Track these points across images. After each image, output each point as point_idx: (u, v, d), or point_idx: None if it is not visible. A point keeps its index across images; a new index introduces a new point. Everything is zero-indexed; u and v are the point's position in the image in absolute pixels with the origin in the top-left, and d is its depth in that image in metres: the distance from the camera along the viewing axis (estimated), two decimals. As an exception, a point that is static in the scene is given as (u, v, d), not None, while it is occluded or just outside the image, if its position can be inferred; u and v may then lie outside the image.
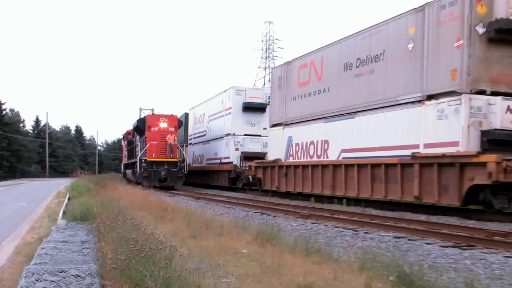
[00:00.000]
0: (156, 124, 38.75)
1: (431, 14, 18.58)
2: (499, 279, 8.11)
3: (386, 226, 14.18)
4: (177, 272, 6.89)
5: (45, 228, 14.79)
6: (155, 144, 38.21)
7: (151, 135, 38.54)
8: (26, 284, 6.80)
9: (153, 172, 37.30)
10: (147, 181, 36.57)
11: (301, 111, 27.30)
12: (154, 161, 37.70)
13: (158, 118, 39.34)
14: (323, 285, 7.51)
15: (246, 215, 18.25)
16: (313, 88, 26.36)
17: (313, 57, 26.75)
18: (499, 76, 17.35)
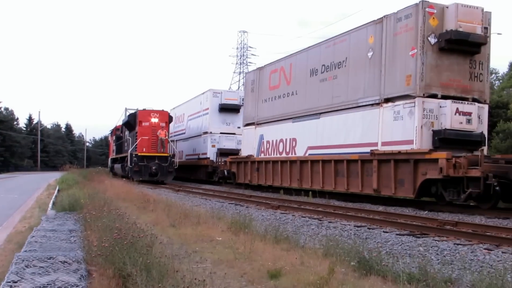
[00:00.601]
0: (147, 119, 36.20)
1: (389, 25, 18.66)
2: (450, 264, 8.16)
3: (348, 216, 14.19)
4: (157, 258, 6.85)
5: (36, 218, 14.55)
6: (146, 139, 35.61)
7: (142, 130, 35.96)
8: (17, 270, 6.67)
9: (143, 167, 34.78)
10: (138, 176, 34.92)
11: (271, 112, 27.29)
12: (145, 156, 35.13)
13: (149, 113, 36.60)
14: (290, 270, 7.49)
15: (222, 206, 18.17)
16: (282, 91, 26.39)
17: (283, 63, 26.80)
18: (449, 82, 17.52)
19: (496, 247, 9.32)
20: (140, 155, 35.00)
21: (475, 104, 17.75)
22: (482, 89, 18.23)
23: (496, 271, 6.80)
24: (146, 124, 35.90)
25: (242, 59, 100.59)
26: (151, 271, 6.17)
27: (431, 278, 6.60)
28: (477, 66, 18.06)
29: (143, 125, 36.00)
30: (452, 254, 8.87)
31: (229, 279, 7.20)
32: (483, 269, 7.40)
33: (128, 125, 40.35)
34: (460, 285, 6.85)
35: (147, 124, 35.94)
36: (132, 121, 38.10)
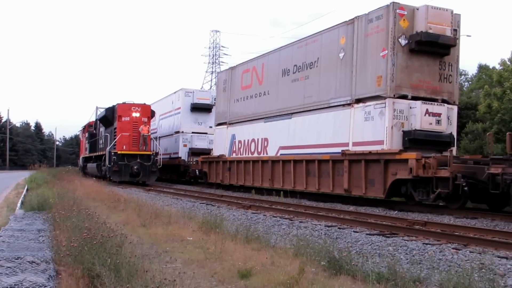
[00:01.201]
0: (127, 113, 32.67)
1: (360, 26, 18.80)
2: (419, 263, 8.24)
3: (319, 216, 14.25)
4: (126, 258, 6.79)
5: (4, 217, 14.28)
6: (127, 136, 32.18)
7: (122, 126, 32.43)
8: (-17, 271, 6.54)
9: (124, 166, 31.46)
10: (117, 176, 31.69)
11: (243, 111, 27.29)
12: (125, 154, 31.69)
13: (130, 107, 32.98)
14: (261, 269, 7.50)
15: (193, 206, 18.11)
16: (254, 91, 26.41)
17: (255, 63, 26.80)
18: (419, 83, 17.71)
19: (464, 246, 9.43)
20: (120, 154, 31.73)
21: (444, 105, 17.99)
22: (451, 91, 18.48)
23: (463, 270, 6.88)
24: (127, 119, 32.57)
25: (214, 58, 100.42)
26: (120, 271, 6.12)
27: (400, 278, 6.67)
28: (446, 68, 18.30)
29: (123, 120, 32.63)
30: (421, 253, 8.94)
31: (199, 279, 7.18)
32: (451, 269, 7.47)
33: (104, 120, 36.82)
34: (428, 285, 6.93)
35: (127, 119, 32.60)
36: (110, 116, 34.86)
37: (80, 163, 53.04)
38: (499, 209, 15.76)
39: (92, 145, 42.62)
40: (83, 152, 49.85)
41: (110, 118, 34.69)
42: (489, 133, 19.93)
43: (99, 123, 39.75)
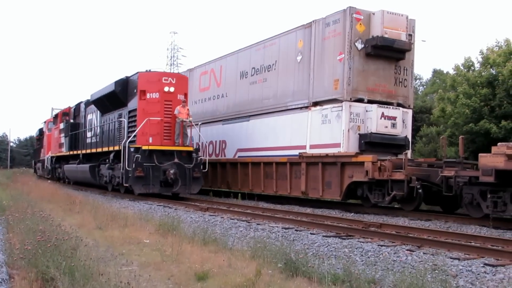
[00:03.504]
0: (156, 87, 20.42)
1: (317, 30, 18.97)
2: (374, 265, 8.32)
3: (276, 218, 14.27)
4: (81, 261, 6.70)
5: (-46, 221, 13.96)
6: (156, 122, 20.16)
7: (147, 106, 20.32)
8: None
9: (152, 170, 19.76)
10: (141, 185, 19.90)
11: (201, 113, 27.18)
12: (154, 151, 19.95)
13: (159, 77, 20.74)
14: (218, 272, 7.48)
15: (150, 208, 17.94)
16: (212, 93, 26.37)
17: (213, 65, 26.74)
18: (375, 87, 17.97)
19: (418, 248, 9.55)
20: (146, 150, 19.88)
21: (399, 108, 18.29)
22: (406, 95, 18.82)
23: (417, 271, 6.99)
24: (155, 96, 20.42)
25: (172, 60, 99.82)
26: (75, 274, 6.05)
27: (355, 279, 6.74)
28: (401, 72, 18.63)
29: (148, 97, 20.46)
30: (376, 255, 9.03)
31: (156, 281, 7.13)
32: (405, 270, 7.57)
33: (106, 101, 23.91)
34: (382, 286, 7.02)
35: (155, 96, 20.42)
36: (121, 92, 22.10)
37: (47, 164, 39.21)
38: (452, 211, 16.09)
39: (73, 139, 30.40)
40: (54, 149, 36.30)
41: (120, 96, 22.20)
42: (442, 136, 20.32)
43: (89, 107, 28.30)
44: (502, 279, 7.18)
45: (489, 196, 13.27)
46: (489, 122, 22.13)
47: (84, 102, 29.40)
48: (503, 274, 7.43)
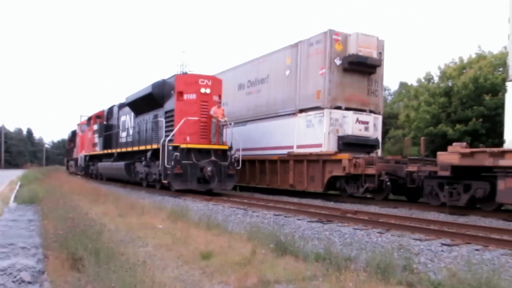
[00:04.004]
0: (193, 88, 18.57)
1: (303, 49, 19.00)
2: (350, 245, 8.35)
3: (269, 206, 14.26)
4: (105, 243, 6.68)
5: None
6: (193, 122, 18.27)
7: (185, 107, 18.40)
8: (-20, 256, 6.38)
9: (190, 168, 17.87)
10: (180, 182, 17.93)
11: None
12: (192, 150, 17.99)
13: (196, 79, 18.71)
14: (220, 251, 7.49)
15: (162, 199, 17.88)
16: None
17: (215, 78, 26.70)
18: (351, 96, 18.02)
19: (386, 231, 9.58)
20: (184, 148, 17.91)
21: (371, 114, 18.36)
22: (377, 103, 18.87)
23: (385, 250, 7.01)
24: (191, 98, 18.56)
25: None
26: (99, 254, 6.04)
27: (334, 257, 6.75)
28: (373, 84, 18.68)
29: (185, 98, 18.63)
30: (352, 237, 9.06)
31: (168, 260, 7.14)
32: (376, 249, 7.60)
33: (141, 103, 21.75)
34: (357, 262, 7.03)
35: (192, 97, 18.59)
36: (158, 94, 19.98)
37: (81, 162, 36.81)
38: (415, 200, 16.16)
39: (107, 139, 28.51)
40: (87, 149, 34.44)
41: (156, 98, 20.13)
42: (407, 138, 20.40)
43: (122, 110, 26.22)
44: (456, 256, 7.22)
45: (446, 188, 13.34)
46: (446, 126, 22.21)
47: (117, 105, 27.28)
48: (457, 252, 7.47)
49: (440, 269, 6.57)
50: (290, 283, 5.83)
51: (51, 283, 5.40)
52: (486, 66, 22.74)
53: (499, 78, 21.54)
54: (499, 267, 6.19)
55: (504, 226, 10.28)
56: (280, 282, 5.88)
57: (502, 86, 19.44)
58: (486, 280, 5.37)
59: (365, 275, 5.84)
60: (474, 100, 21.90)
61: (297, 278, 5.91)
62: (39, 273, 5.66)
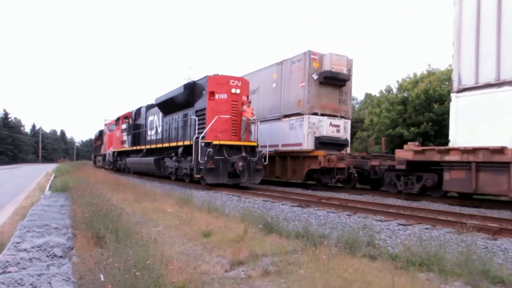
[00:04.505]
0: (224, 89, 16.68)
1: (287, 66, 18.96)
2: (324, 225, 8.36)
3: (258, 194, 14.22)
4: (123, 224, 6.64)
5: (36, 196, 13.77)
6: (225, 120, 16.43)
7: (216, 106, 16.52)
8: (20, 234, 6.31)
9: (221, 163, 16.00)
10: (212, 177, 15.89)
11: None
12: (224, 146, 16.09)
13: (227, 80, 16.79)
14: (218, 231, 7.47)
15: (171, 188, 17.80)
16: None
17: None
18: (325, 105, 18.00)
19: (354, 213, 9.61)
20: (217, 144, 15.93)
21: (342, 119, 18.36)
22: (346, 110, 18.87)
23: (353, 229, 7.03)
24: (223, 97, 16.66)
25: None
26: (119, 233, 6.00)
27: (311, 235, 6.75)
28: (343, 95, 18.68)
29: (217, 98, 16.71)
30: (326, 218, 9.06)
31: (175, 238, 7.10)
32: (345, 228, 7.60)
33: (173, 102, 19.36)
34: (330, 239, 7.03)
35: (223, 96, 16.65)
36: (189, 94, 17.84)
37: (109, 157, 34.96)
38: (377, 188, 16.19)
39: (136, 137, 26.40)
40: (116, 145, 32.31)
41: (188, 97, 17.96)
42: (371, 138, 20.45)
43: (150, 110, 24.25)
44: (410, 234, 7.24)
45: (402, 178, 13.37)
46: (402, 128, 22.29)
47: (145, 106, 25.31)
48: (411, 231, 7.48)
49: (397, 244, 6.57)
50: (275, 256, 5.80)
51: (78, 257, 5.34)
52: (435, 80, 22.86)
53: (445, 90, 21.65)
54: (445, 242, 6.19)
55: (449, 209, 10.32)
56: (267, 255, 5.85)
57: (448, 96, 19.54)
58: (434, 253, 5.38)
59: (336, 250, 5.84)
60: (425, 108, 22.01)
61: (281, 252, 5.90)
62: (68, 249, 5.59)
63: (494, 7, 11.12)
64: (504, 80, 10.78)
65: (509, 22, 10.77)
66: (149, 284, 3.80)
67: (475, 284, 4.60)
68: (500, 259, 5.62)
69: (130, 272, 3.90)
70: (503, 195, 10.75)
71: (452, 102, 12.12)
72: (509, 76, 10.65)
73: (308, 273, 4.90)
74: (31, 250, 5.39)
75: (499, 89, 10.86)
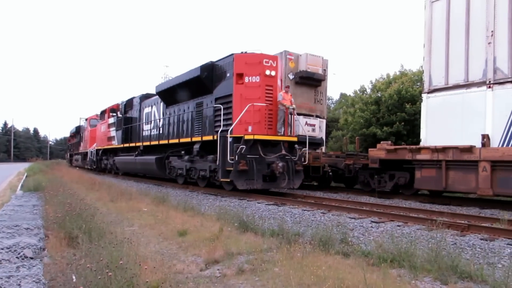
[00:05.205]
0: (257, 70, 12.73)
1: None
2: (299, 223, 8.39)
3: (235, 193, 14.19)
4: (97, 224, 6.51)
5: (7, 196, 13.36)
6: (258, 109, 12.57)
7: (246, 92, 12.66)
8: (-11, 235, 6.11)
9: (256, 163, 12.23)
10: (243, 181, 12.26)
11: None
12: (259, 141, 12.39)
13: (260, 59, 12.77)
14: (194, 229, 7.42)
15: (148, 187, 17.61)
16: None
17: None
18: (301, 104, 18.09)
19: (328, 211, 9.66)
20: (251, 140, 12.29)
21: (317, 119, 18.50)
22: (322, 109, 19.03)
23: (327, 227, 7.08)
24: (255, 81, 12.77)
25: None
26: (92, 233, 5.88)
27: (286, 233, 6.78)
28: (319, 94, 18.83)
29: (246, 81, 12.79)
30: (301, 216, 9.09)
31: (150, 237, 7.01)
32: (319, 226, 7.65)
33: (183, 89, 15.55)
34: (304, 237, 7.07)
35: (256, 80, 12.76)
36: (206, 78, 14.02)
37: (91, 156, 30.46)
38: (351, 186, 16.36)
39: (128, 132, 22.32)
40: (100, 143, 28.26)
41: (205, 82, 14.05)
42: (345, 137, 20.69)
43: (146, 101, 20.53)
44: (382, 231, 7.34)
45: (375, 177, 13.57)
46: (375, 128, 22.62)
47: (139, 96, 21.52)
48: (383, 228, 7.59)
49: (369, 241, 6.65)
50: (250, 254, 5.80)
51: (50, 258, 5.22)
52: (407, 81, 23.27)
53: (417, 90, 22.08)
54: (415, 239, 6.31)
55: (420, 207, 10.54)
56: (242, 254, 5.84)
57: (419, 97, 19.94)
58: (405, 249, 5.47)
59: (310, 247, 5.87)
60: (398, 108, 22.39)
61: (256, 250, 5.89)
62: (40, 250, 5.45)
63: (463, 10, 11.40)
64: (473, 82, 11.07)
65: (477, 25, 11.06)
66: (122, 285, 3.74)
67: (444, 280, 4.70)
68: (468, 254, 5.76)
69: (102, 273, 3.83)
70: (471, 192, 11.04)
71: (423, 102, 12.37)
72: (477, 77, 10.95)
73: (282, 270, 4.91)
74: (0, 251, 5.23)
75: (467, 90, 11.14)
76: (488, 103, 10.63)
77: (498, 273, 4.77)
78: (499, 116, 10.38)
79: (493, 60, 10.64)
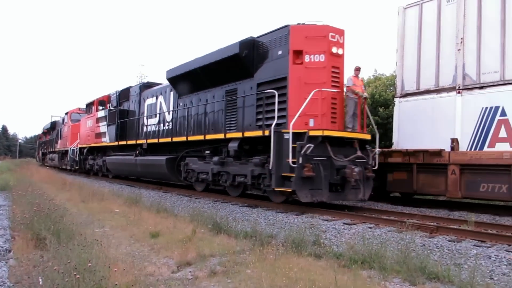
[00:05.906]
0: (321, 46, 9.43)
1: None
2: (272, 225, 8.42)
3: (210, 194, 14.10)
4: (66, 225, 6.37)
5: (-27, 197, 12.96)
6: (324, 97, 9.30)
7: (305, 74, 9.42)
8: (-49, 238, 5.89)
9: (323, 168, 8.97)
10: (307, 192, 9.04)
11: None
12: (327, 139, 9.08)
13: (325, 32, 9.46)
14: (166, 231, 7.34)
15: (120, 187, 17.33)
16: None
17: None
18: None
19: (301, 213, 9.69)
20: (319, 137, 9.03)
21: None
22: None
23: (300, 229, 7.11)
24: (319, 60, 9.45)
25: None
26: (60, 235, 5.75)
27: (259, 235, 6.77)
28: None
29: (307, 61, 9.49)
30: (274, 219, 9.13)
31: (121, 239, 6.90)
32: (293, 228, 7.68)
33: (207, 74, 12.40)
34: (277, 239, 7.08)
35: (320, 59, 9.45)
36: (246, 57, 10.68)
37: (72, 155, 25.92)
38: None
39: (124, 128, 18.72)
40: (85, 140, 24.01)
41: (245, 63, 10.82)
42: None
43: (147, 91, 17.30)
44: (354, 233, 7.43)
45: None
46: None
47: (139, 85, 18.41)
48: (355, 230, 7.69)
49: (341, 243, 6.72)
50: (223, 256, 5.78)
51: (16, 260, 5.07)
52: (380, 85, 23.67)
53: (390, 95, 22.49)
54: (386, 240, 6.42)
55: (391, 209, 10.71)
56: (214, 256, 5.82)
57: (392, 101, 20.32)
58: (376, 251, 5.55)
59: (283, 249, 5.90)
60: (372, 111, 22.73)
61: (229, 252, 5.88)
62: (5, 252, 5.31)
63: (434, 18, 11.70)
64: (443, 87, 11.36)
65: (447, 32, 11.37)
66: (91, 287, 3.67)
67: (413, 280, 4.80)
68: (436, 255, 5.89)
69: (70, 275, 3.75)
70: (441, 195, 11.32)
71: (396, 106, 12.62)
72: (447, 83, 11.24)
73: (255, 272, 4.91)
74: (-36, 253, 5.06)
75: (438, 95, 11.43)
76: (457, 108, 10.93)
77: (464, 274, 4.90)
78: (467, 121, 10.68)
79: (462, 66, 10.95)
